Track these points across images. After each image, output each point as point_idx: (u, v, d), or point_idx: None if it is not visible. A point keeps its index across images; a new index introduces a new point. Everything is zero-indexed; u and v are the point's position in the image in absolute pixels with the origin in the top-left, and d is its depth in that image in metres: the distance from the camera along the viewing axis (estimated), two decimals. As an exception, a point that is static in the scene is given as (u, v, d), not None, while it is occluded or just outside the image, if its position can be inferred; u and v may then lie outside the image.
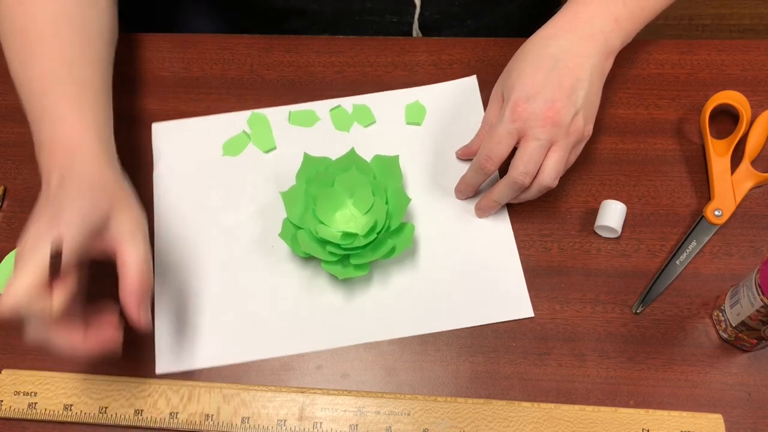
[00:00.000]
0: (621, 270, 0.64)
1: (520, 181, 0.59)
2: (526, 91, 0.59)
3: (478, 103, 0.72)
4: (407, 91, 0.73)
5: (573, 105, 0.59)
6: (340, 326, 0.62)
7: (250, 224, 0.66)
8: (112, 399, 0.60)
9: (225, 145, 0.70)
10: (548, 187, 0.61)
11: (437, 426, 0.58)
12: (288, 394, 0.60)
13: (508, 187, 0.61)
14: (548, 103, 0.58)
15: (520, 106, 0.59)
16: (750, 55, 0.73)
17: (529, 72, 0.60)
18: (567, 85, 0.59)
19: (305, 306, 0.63)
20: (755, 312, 0.55)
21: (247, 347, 0.62)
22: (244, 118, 0.72)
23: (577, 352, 0.61)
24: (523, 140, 0.59)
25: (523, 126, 0.59)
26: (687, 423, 0.58)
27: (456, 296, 0.63)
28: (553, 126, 0.58)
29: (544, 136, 0.58)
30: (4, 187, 0.69)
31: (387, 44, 0.75)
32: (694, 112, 0.71)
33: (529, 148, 0.59)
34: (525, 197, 0.63)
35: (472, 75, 0.73)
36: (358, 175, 0.64)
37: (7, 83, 0.74)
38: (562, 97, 0.58)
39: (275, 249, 0.65)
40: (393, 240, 0.62)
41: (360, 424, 0.59)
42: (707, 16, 1.60)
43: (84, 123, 0.57)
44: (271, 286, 0.64)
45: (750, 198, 0.67)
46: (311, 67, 0.75)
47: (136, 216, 0.54)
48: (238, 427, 0.59)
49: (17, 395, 0.60)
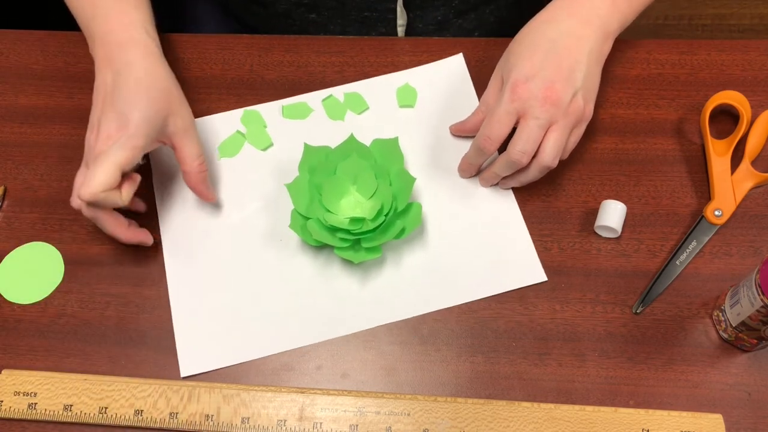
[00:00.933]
0: (621, 270, 0.64)
1: (518, 159, 0.60)
2: (525, 72, 0.60)
3: (467, 80, 0.73)
4: (396, 74, 0.73)
5: (572, 85, 0.60)
6: (358, 311, 0.63)
7: (257, 221, 0.67)
8: (112, 399, 0.60)
9: (221, 148, 0.70)
10: (548, 167, 0.61)
11: (437, 426, 0.58)
12: (288, 394, 0.60)
13: (506, 164, 0.62)
14: (547, 83, 0.59)
15: (519, 86, 0.60)
16: (750, 55, 0.73)
17: (528, 54, 0.61)
18: (565, 65, 0.60)
19: (323, 294, 0.63)
20: (755, 312, 0.55)
21: (270, 341, 0.62)
22: (237, 117, 0.72)
23: (577, 352, 0.61)
24: (522, 120, 0.60)
25: (522, 106, 0.60)
26: (687, 423, 0.58)
27: (469, 269, 0.64)
28: (552, 106, 0.59)
29: (544, 115, 0.59)
30: (4, 187, 0.69)
31: (387, 44, 0.75)
32: (694, 112, 0.71)
33: (527, 128, 0.59)
34: (526, 178, 0.63)
35: (459, 54, 0.74)
36: (359, 160, 0.64)
37: (8, 83, 0.75)
38: (560, 78, 0.59)
39: (285, 242, 0.65)
40: (402, 221, 0.62)
41: (360, 424, 0.58)
42: (707, 16, 1.60)
43: (130, 17, 0.63)
44: (287, 279, 0.64)
45: (750, 198, 0.67)
46: (311, 67, 0.75)
47: (188, 113, 0.63)
48: (238, 427, 0.59)
49: (17, 395, 0.60)
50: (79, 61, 0.75)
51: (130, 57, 0.61)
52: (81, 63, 0.75)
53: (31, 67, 0.76)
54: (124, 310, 0.64)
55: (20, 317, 0.64)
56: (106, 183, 0.56)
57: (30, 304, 0.64)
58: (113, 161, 0.57)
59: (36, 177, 0.70)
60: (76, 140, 0.71)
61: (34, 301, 0.64)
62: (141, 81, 0.60)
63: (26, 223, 0.68)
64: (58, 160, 0.70)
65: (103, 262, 0.66)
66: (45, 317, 0.64)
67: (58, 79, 0.75)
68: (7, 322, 0.64)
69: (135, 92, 0.60)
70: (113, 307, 0.64)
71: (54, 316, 0.64)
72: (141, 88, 0.60)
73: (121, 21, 0.63)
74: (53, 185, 0.69)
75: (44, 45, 0.77)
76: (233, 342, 0.62)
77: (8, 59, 0.76)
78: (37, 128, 0.72)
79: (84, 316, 0.63)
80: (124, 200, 0.59)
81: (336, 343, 0.62)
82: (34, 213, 0.68)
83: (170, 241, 0.66)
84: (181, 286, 0.64)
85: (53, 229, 0.67)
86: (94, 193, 0.56)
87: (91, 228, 0.67)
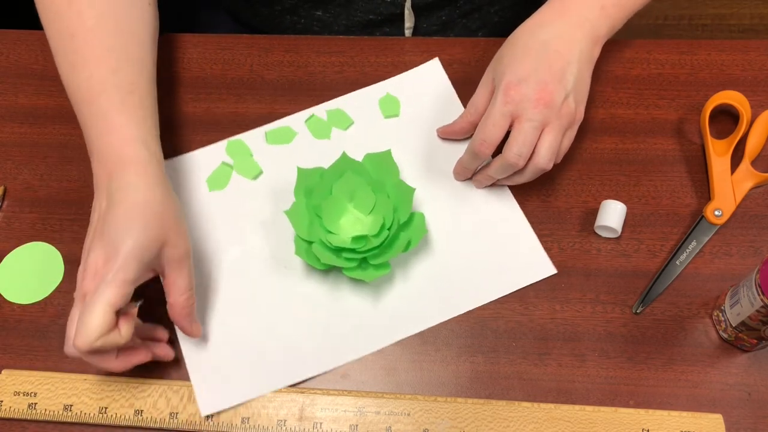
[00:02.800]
0: (621, 270, 0.64)
1: (514, 162, 0.60)
2: (517, 75, 0.60)
3: (447, 83, 0.73)
4: (375, 86, 0.73)
5: (564, 87, 0.60)
6: (372, 331, 0.62)
7: (258, 252, 0.65)
8: (112, 399, 0.60)
9: (209, 180, 0.68)
10: (543, 169, 0.61)
11: (437, 426, 0.58)
12: (288, 394, 0.60)
13: (502, 167, 0.62)
14: (540, 84, 0.59)
15: (512, 89, 0.60)
16: (750, 55, 0.73)
17: (520, 57, 0.61)
18: (557, 68, 0.60)
19: (337, 316, 0.62)
20: (755, 312, 0.55)
21: (287, 371, 0.60)
22: (221, 149, 0.70)
23: (577, 352, 0.61)
24: (517, 122, 0.60)
25: (515, 108, 0.60)
26: (687, 423, 0.58)
27: (478, 273, 0.64)
28: (546, 107, 0.59)
29: (537, 117, 0.59)
30: (4, 187, 0.69)
31: (387, 44, 0.75)
32: (694, 112, 0.71)
33: (523, 130, 0.59)
34: (520, 180, 0.63)
35: (434, 58, 0.74)
36: (354, 177, 0.64)
37: (8, 83, 0.75)
38: (553, 80, 0.60)
39: (290, 269, 0.64)
40: (406, 233, 0.62)
41: (360, 424, 0.58)
42: (707, 16, 1.60)
43: (130, 132, 0.58)
44: (296, 306, 0.63)
45: (750, 198, 0.67)
46: (311, 67, 0.75)
47: (183, 242, 0.57)
48: (238, 427, 0.59)
49: (17, 395, 0.60)
50: (79, 61, 0.75)
51: (127, 179, 0.56)
52: (81, 63, 0.75)
53: (31, 67, 0.76)
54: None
55: (20, 317, 0.64)
56: (100, 329, 0.52)
57: (30, 304, 0.64)
58: (104, 302, 0.52)
59: (36, 177, 0.70)
60: (76, 140, 0.71)
61: (34, 301, 0.64)
62: (135, 206, 0.55)
63: (26, 223, 0.68)
64: (58, 160, 0.70)
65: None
66: (45, 317, 0.64)
67: (58, 79, 0.74)
68: (7, 322, 0.64)
69: (126, 219, 0.54)
70: (113, 307, 0.64)
71: (54, 316, 0.64)
72: (134, 214, 0.55)
73: (121, 136, 0.58)
74: (53, 185, 0.69)
75: (44, 45, 0.76)
76: (250, 376, 0.60)
77: (8, 59, 0.76)
78: (37, 128, 0.72)
79: (84, 316, 0.63)
80: (124, 338, 0.54)
81: (336, 343, 0.62)
82: (33, 213, 0.68)
83: None
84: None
85: (53, 229, 0.67)
86: (91, 342, 0.51)
87: (91, 228, 0.67)
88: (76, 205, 0.68)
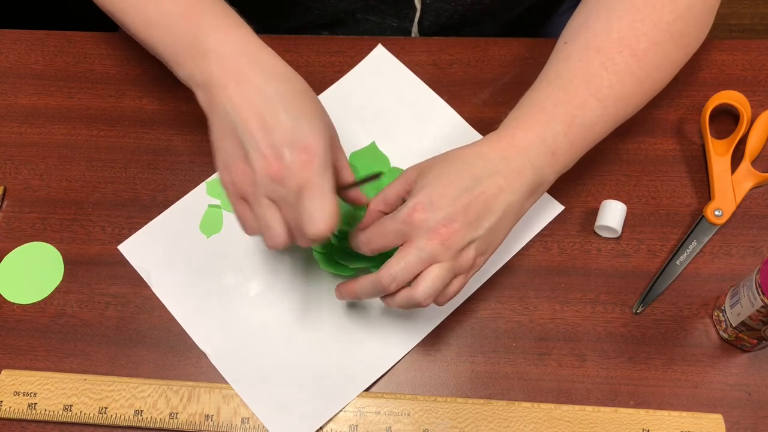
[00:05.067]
0: (621, 270, 0.64)
1: (385, 283, 0.54)
2: (431, 198, 0.54)
3: (400, 66, 0.73)
4: (331, 89, 0.73)
5: (471, 233, 0.54)
6: (412, 323, 0.62)
7: (279, 281, 0.64)
8: (112, 399, 0.60)
9: (202, 227, 0.66)
10: (418, 303, 0.54)
11: (437, 426, 0.58)
12: (288, 394, 0.60)
13: (371, 284, 0.55)
14: (446, 220, 0.53)
15: (417, 210, 0.54)
16: (750, 55, 0.73)
17: (446, 182, 0.55)
18: (474, 211, 0.54)
19: (374, 319, 0.62)
20: (755, 312, 0.55)
21: (349, 387, 0.60)
22: (201, 192, 0.68)
23: (577, 352, 0.61)
24: (406, 245, 0.54)
25: (410, 231, 0.54)
26: (687, 423, 0.58)
27: None
28: (441, 244, 0.53)
29: (427, 249, 0.53)
30: (3, 187, 0.69)
31: (387, 44, 0.75)
32: (694, 112, 0.71)
33: (407, 255, 0.53)
34: (390, 303, 0.56)
35: (377, 45, 0.74)
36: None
37: (8, 83, 0.75)
38: (463, 222, 0.54)
39: (314, 286, 0.64)
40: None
41: (360, 424, 0.58)
42: (707, 16, 1.60)
43: (246, 28, 0.58)
44: (338, 319, 0.63)
45: (750, 198, 0.66)
46: (311, 67, 0.75)
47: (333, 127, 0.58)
48: (238, 427, 0.59)
49: (17, 395, 0.60)
50: (79, 61, 0.75)
51: (270, 61, 0.56)
52: (81, 63, 0.75)
53: (31, 67, 0.76)
54: (124, 310, 0.64)
55: (20, 317, 0.64)
56: (332, 210, 0.51)
57: (30, 304, 0.64)
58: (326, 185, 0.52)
59: (36, 177, 0.70)
60: (76, 140, 0.71)
61: (34, 301, 0.64)
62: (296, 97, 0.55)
63: (26, 223, 0.68)
64: (58, 160, 0.70)
65: (103, 262, 0.66)
66: (45, 317, 0.64)
67: (57, 79, 0.75)
68: (7, 322, 0.64)
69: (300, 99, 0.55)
70: (113, 307, 0.64)
71: (54, 316, 0.64)
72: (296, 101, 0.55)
73: (238, 32, 0.57)
74: (53, 185, 0.69)
75: (44, 45, 0.77)
76: (312, 402, 0.60)
77: (8, 59, 0.76)
78: (37, 128, 0.72)
79: (84, 316, 0.63)
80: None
81: (336, 343, 0.62)
82: (33, 213, 0.68)
83: (204, 338, 0.62)
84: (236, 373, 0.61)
85: (53, 229, 0.67)
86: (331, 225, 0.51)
87: (91, 228, 0.67)
88: (76, 205, 0.68)
